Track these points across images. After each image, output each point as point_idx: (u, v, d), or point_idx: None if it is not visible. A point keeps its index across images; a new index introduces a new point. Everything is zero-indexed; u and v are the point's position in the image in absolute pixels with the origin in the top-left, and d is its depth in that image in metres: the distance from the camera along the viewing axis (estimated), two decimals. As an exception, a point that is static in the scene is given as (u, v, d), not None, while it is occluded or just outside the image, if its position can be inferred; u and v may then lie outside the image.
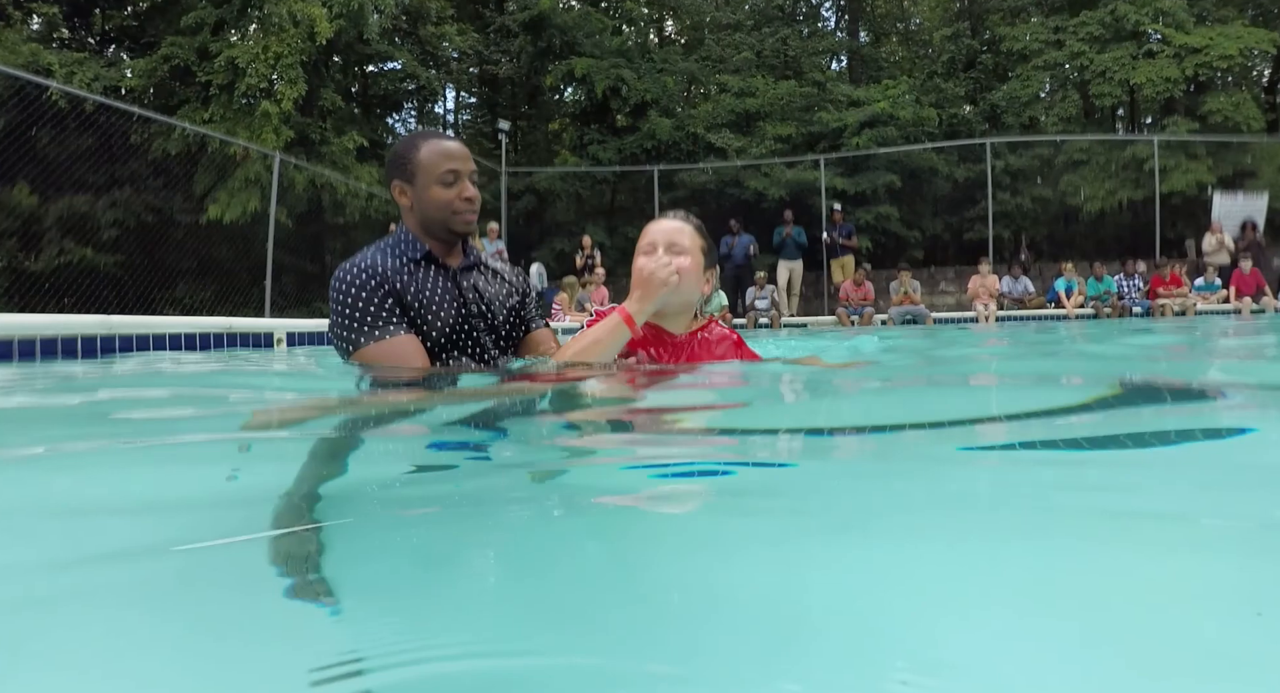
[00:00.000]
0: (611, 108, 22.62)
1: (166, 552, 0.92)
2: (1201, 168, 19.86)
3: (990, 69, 25.08)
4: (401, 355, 2.42)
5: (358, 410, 2.00)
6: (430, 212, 2.53)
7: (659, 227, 2.48)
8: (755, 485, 1.19)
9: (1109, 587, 0.74)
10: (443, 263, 2.60)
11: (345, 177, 17.82)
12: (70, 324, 5.09)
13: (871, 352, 5.04)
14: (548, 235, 22.38)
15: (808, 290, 18.25)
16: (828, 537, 0.91)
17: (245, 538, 0.96)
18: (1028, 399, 2.18)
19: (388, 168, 2.64)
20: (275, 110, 17.39)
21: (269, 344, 6.89)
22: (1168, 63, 20.99)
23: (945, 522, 0.95)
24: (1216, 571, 0.79)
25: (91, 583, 0.84)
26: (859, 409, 2.05)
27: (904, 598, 0.72)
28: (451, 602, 0.77)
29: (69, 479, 1.37)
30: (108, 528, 1.06)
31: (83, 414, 2.17)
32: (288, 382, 3.50)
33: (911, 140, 21.72)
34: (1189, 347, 5.50)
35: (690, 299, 2.46)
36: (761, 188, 20.88)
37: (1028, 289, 15.49)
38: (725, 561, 0.82)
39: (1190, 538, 0.88)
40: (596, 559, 0.89)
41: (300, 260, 15.95)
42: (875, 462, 1.36)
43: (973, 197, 21.52)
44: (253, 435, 1.63)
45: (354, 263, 2.51)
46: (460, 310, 2.56)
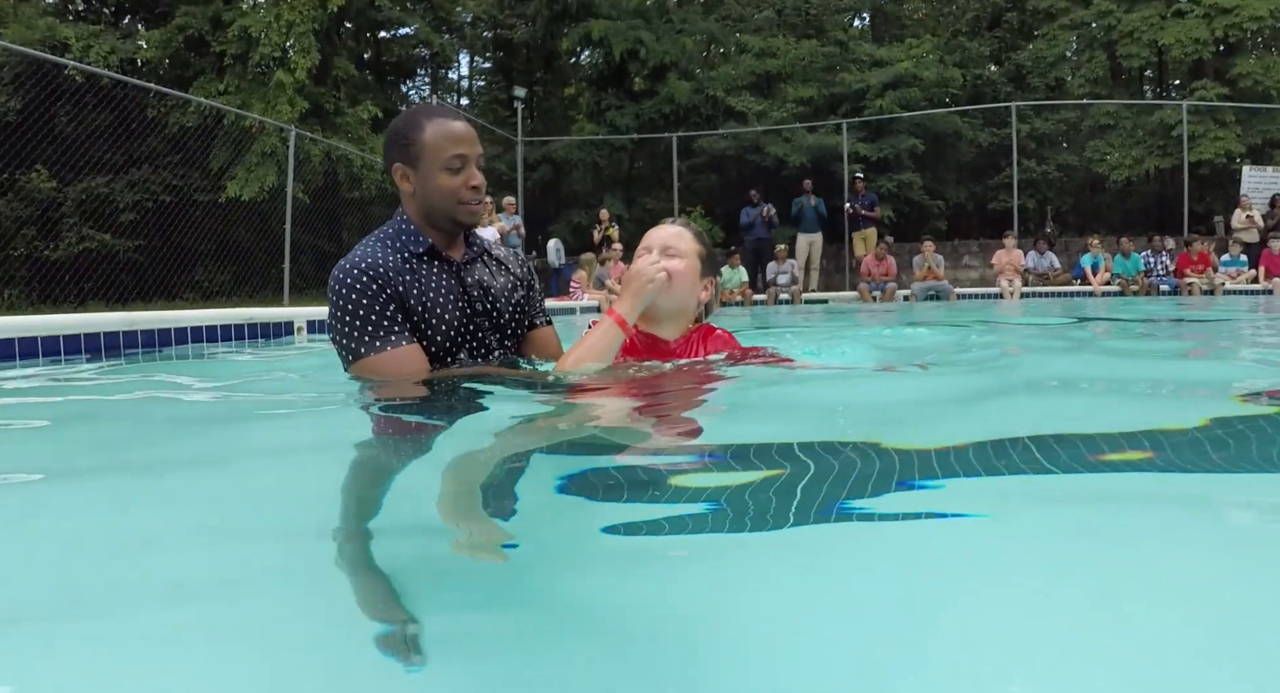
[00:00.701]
0: (629, 71, 22.27)
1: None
2: (1230, 136, 19.48)
3: (1016, 28, 24.58)
4: (402, 367, 2.36)
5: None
6: (434, 200, 2.42)
7: (657, 232, 2.47)
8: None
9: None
10: (446, 256, 2.50)
11: (360, 149, 17.73)
12: (93, 322, 5.15)
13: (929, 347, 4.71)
14: (565, 208, 22.21)
15: (828, 264, 18.09)
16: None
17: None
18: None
19: (388, 146, 2.48)
20: (289, 80, 17.27)
21: (290, 333, 6.92)
22: (1197, 23, 20.52)
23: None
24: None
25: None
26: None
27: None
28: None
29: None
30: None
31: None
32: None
33: (935, 102, 21.39)
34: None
35: (684, 304, 2.45)
36: (782, 154, 20.60)
37: (1053, 265, 15.32)
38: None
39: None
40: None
41: (317, 239, 15.87)
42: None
43: (997, 163, 21.22)
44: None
45: (354, 261, 2.40)
46: (465, 309, 2.48)
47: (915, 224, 20.98)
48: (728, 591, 0.99)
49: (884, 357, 3.61)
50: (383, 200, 17.99)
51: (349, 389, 2.45)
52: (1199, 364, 3.88)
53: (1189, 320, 7.57)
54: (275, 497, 1.55)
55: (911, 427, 1.97)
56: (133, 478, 1.69)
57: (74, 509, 1.47)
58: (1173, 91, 23.51)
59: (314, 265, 15.58)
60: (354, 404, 2.34)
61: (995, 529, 1.20)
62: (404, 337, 2.37)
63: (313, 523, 1.32)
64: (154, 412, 2.74)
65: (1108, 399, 2.48)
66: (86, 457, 1.97)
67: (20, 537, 1.31)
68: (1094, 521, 1.21)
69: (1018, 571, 1.02)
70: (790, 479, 1.43)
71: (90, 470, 1.80)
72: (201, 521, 1.37)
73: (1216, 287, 14.12)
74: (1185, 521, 1.23)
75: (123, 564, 1.15)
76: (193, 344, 5.83)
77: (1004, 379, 3.03)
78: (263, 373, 4.23)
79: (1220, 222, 17.97)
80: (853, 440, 1.71)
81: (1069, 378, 3.08)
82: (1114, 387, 2.80)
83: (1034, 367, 3.57)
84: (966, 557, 1.09)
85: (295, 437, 2.10)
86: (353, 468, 1.70)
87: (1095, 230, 17.00)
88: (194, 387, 3.32)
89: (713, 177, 22.86)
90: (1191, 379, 3.17)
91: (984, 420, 2.03)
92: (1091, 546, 1.11)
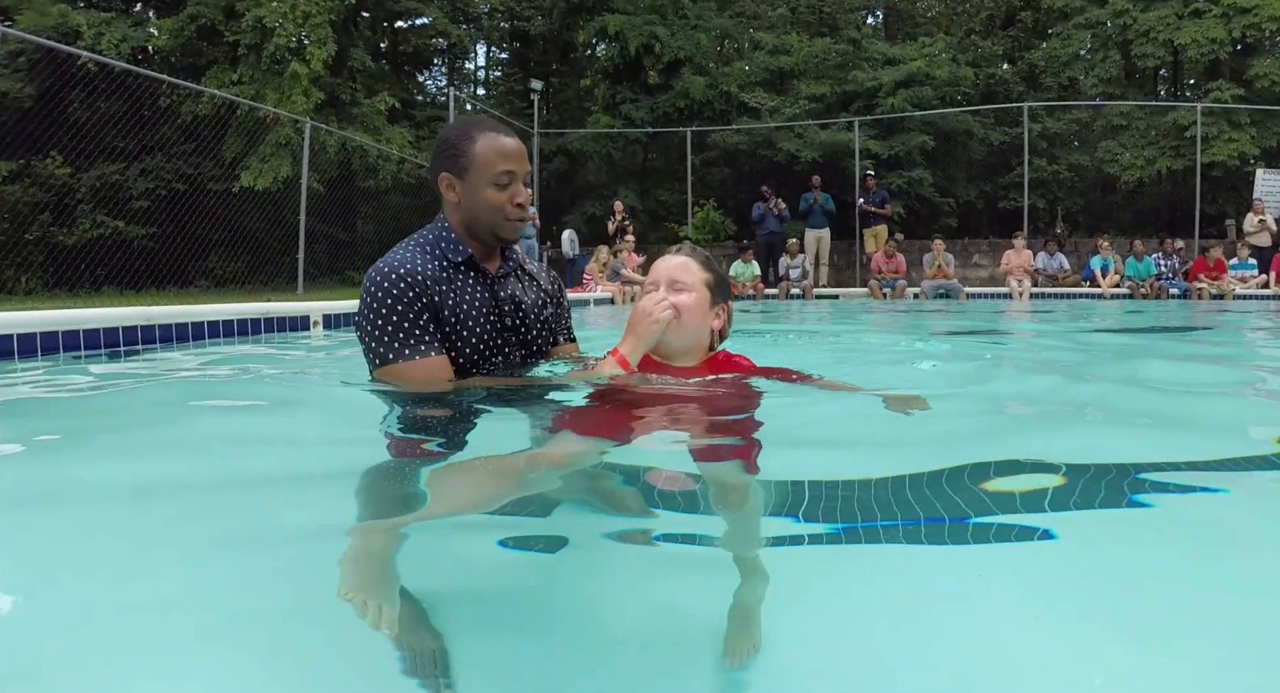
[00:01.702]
0: (644, 65, 22.31)
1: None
2: (1244, 138, 19.41)
3: (1030, 27, 24.50)
4: (429, 377, 2.39)
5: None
6: (479, 213, 2.44)
7: (664, 264, 2.40)
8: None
9: None
10: (483, 269, 2.53)
11: (376, 139, 17.77)
12: (111, 317, 5.23)
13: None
14: (579, 198, 22.26)
15: (839, 260, 18.13)
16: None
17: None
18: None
19: (436, 155, 2.51)
20: (305, 71, 17.27)
21: (305, 327, 7.00)
22: (1214, 23, 20.41)
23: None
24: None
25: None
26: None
27: None
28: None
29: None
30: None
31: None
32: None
33: (947, 101, 21.35)
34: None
35: (697, 337, 2.39)
36: (794, 150, 20.62)
37: (1063, 266, 15.33)
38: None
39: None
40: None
41: (331, 228, 15.92)
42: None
43: (1008, 162, 21.18)
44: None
45: (392, 265, 2.41)
46: (495, 323, 2.52)
47: (926, 221, 20.97)
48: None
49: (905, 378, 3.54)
50: (398, 190, 18.06)
51: (368, 405, 2.49)
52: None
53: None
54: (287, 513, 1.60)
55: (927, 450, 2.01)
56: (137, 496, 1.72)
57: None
58: (1187, 92, 23.41)
59: (327, 255, 15.67)
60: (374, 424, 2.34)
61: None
62: (434, 347, 2.39)
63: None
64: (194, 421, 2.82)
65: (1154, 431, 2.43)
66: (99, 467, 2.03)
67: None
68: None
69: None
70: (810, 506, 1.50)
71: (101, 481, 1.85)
72: (216, 531, 1.44)
73: (1226, 292, 14.11)
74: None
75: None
76: (209, 339, 5.92)
77: (1031, 400, 2.99)
78: (281, 378, 4.10)
79: (1231, 225, 17.95)
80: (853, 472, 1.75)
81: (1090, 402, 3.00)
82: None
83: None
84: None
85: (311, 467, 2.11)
86: (373, 491, 1.72)
87: (1105, 231, 16.97)
88: (218, 395, 3.32)
89: (726, 170, 22.88)
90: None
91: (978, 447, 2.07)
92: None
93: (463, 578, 1.23)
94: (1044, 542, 1.35)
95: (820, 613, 1.12)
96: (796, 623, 1.09)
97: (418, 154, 17.94)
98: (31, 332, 4.73)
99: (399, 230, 19.84)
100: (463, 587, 1.20)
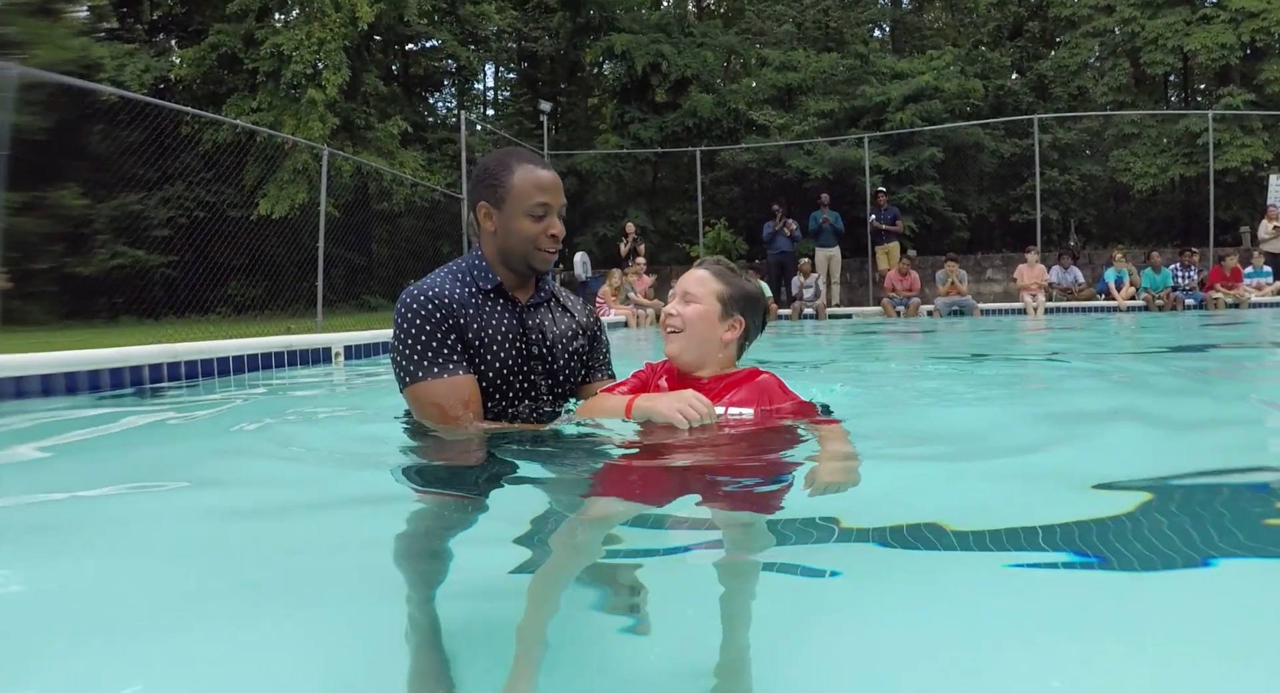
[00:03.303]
0: (652, 84, 22.46)
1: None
2: (1257, 143, 19.42)
3: (1037, 36, 24.59)
4: (454, 396, 2.44)
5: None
6: (513, 243, 2.50)
7: (685, 276, 2.44)
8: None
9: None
10: (512, 297, 2.57)
11: (390, 163, 17.95)
12: (135, 355, 5.30)
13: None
14: (590, 220, 22.35)
15: (852, 278, 18.14)
16: None
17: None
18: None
19: (475, 184, 2.56)
20: (321, 97, 17.51)
21: (327, 359, 7.08)
22: (1223, 28, 20.45)
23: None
24: None
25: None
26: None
27: None
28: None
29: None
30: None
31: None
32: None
33: (956, 114, 21.38)
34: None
35: (703, 349, 2.37)
36: (804, 167, 20.69)
37: (1077, 280, 15.31)
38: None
39: None
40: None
41: (348, 252, 16.07)
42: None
43: (1019, 174, 21.21)
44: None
45: (423, 288, 2.49)
46: (522, 350, 2.55)
47: (938, 235, 20.99)
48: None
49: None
50: (412, 213, 18.21)
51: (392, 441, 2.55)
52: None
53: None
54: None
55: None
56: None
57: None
58: (1198, 97, 23.41)
59: (344, 279, 15.80)
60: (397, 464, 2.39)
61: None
62: (460, 366, 2.46)
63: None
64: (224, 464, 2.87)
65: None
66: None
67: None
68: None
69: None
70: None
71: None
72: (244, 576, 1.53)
73: (1242, 300, 14.08)
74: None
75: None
76: (234, 374, 6.01)
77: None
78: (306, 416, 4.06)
79: (1246, 231, 17.89)
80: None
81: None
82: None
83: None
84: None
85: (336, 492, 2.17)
86: (408, 542, 1.76)
87: (1119, 240, 16.94)
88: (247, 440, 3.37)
89: (735, 189, 22.96)
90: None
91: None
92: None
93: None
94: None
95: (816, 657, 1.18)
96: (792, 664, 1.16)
97: (430, 177, 18.12)
98: (54, 372, 4.80)
99: (413, 253, 20.11)
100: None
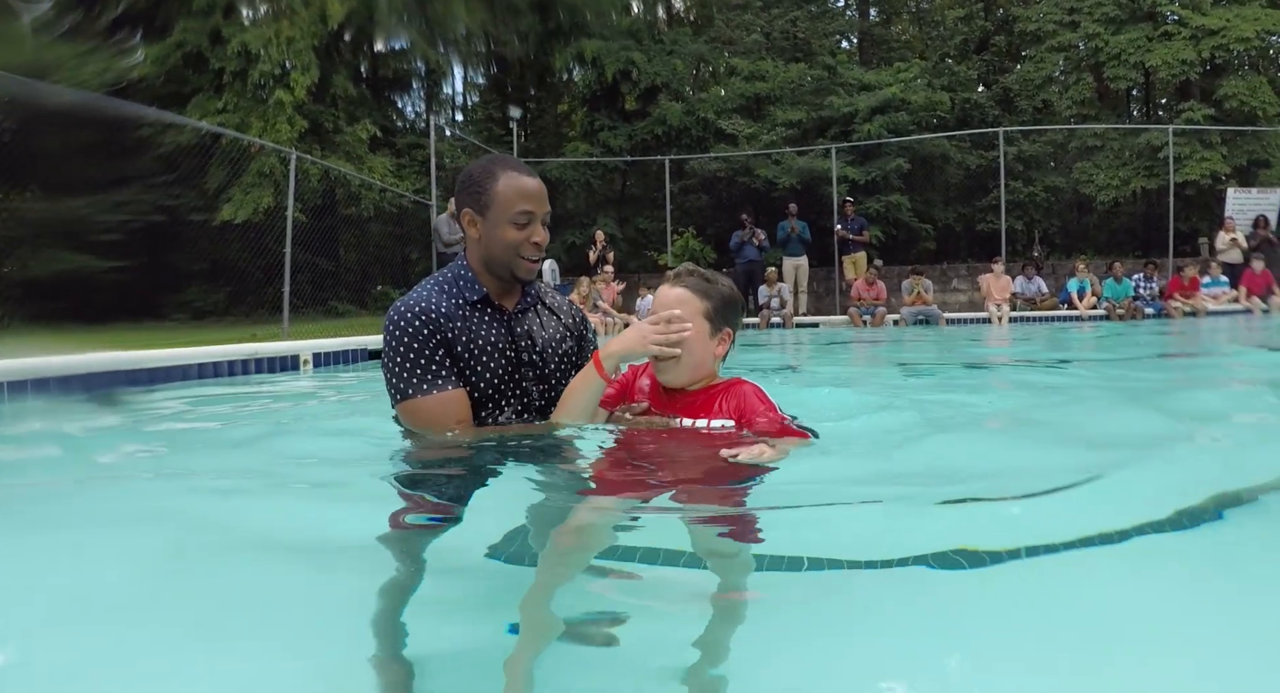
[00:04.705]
0: (622, 91, 22.47)
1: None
2: (1216, 157, 19.76)
3: (1003, 51, 24.89)
4: (445, 411, 2.45)
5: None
6: (496, 250, 2.50)
7: (661, 298, 2.41)
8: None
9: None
10: (499, 305, 2.57)
11: (358, 168, 17.77)
12: (98, 362, 5.24)
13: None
14: (559, 227, 22.23)
15: (818, 287, 18.22)
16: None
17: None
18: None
19: (460, 191, 2.56)
20: (289, 99, 17.29)
21: (295, 367, 6.98)
22: (1184, 45, 20.82)
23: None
24: None
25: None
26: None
27: None
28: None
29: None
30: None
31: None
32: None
33: (923, 126, 21.58)
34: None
35: (695, 369, 2.39)
36: (772, 176, 20.78)
37: (1041, 289, 15.49)
38: None
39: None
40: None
41: (314, 257, 15.83)
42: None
43: (984, 185, 21.45)
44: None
45: (409, 304, 2.49)
46: (512, 359, 2.55)
47: (904, 246, 21.16)
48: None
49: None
50: (380, 219, 18.05)
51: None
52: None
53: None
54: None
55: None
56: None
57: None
58: (1160, 112, 23.78)
59: (311, 285, 15.59)
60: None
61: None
62: (450, 381, 2.46)
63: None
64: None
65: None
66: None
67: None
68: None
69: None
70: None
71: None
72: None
73: (1200, 309, 14.32)
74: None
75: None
76: (199, 380, 5.93)
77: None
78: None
79: (1204, 243, 18.20)
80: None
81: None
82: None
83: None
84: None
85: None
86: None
87: (1082, 251, 17.15)
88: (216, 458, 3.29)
89: (704, 197, 23.01)
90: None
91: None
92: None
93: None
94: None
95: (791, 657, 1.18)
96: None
97: (399, 183, 17.98)
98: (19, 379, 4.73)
99: (381, 259, 19.96)
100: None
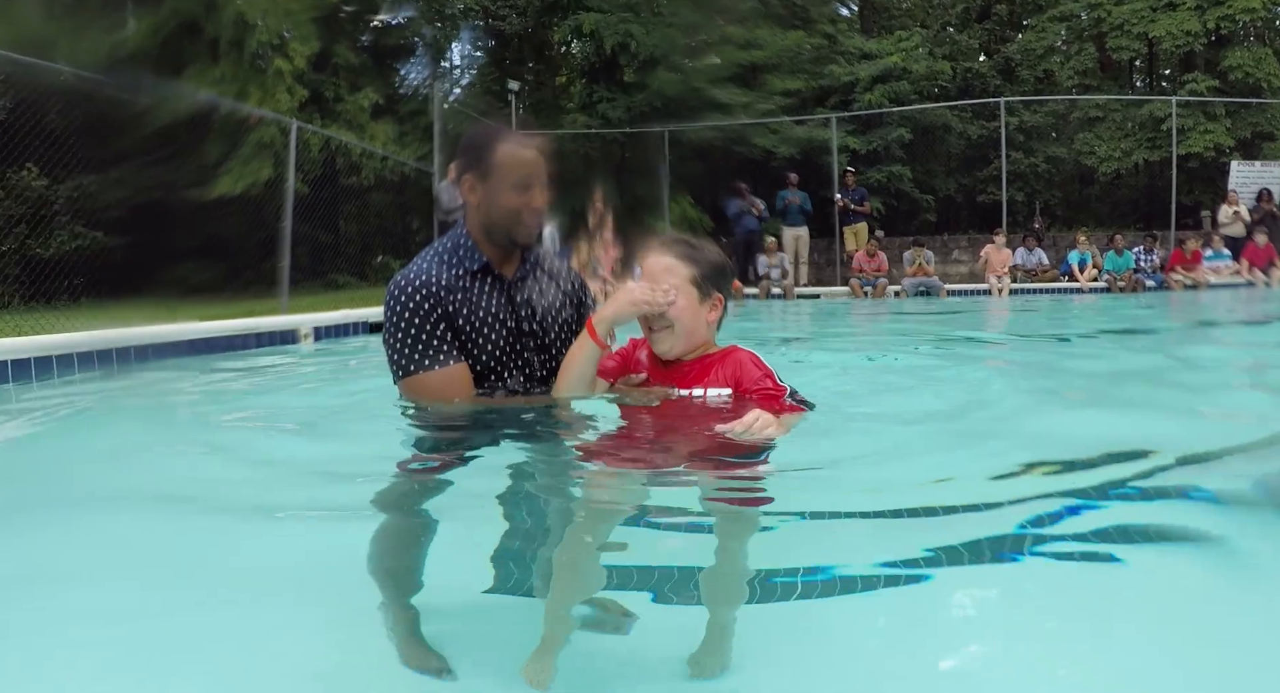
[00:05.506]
0: (620, 63, 22.27)
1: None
2: (1220, 129, 19.62)
3: (1005, 20, 24.68)
4: (447, 387, 2.48)
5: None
6: (496, 216, 2.50)
7: (648, 265, 2.39)
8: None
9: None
10: (499, 273, 2.58)
11: (360, 136, 17.51)
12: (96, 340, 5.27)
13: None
14: (558, 195, 22.12)
15: (819, 258, 18.15)
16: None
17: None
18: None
19: (460, 156, 2.59)
20: (289, 68, 17.04)
21: (294, 341, 6.97)
22: (1188, 15, 20.59)
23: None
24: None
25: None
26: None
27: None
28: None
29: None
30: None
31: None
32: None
33: (925, 96, 21.41)
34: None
35: (690, 338, 2.37)
36: (770, 146, 20.61)
37: (1041, 261, 15.47)
38: None
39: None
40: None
41: (314, 229, 15.71)
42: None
43: (986, 156, 21.32)
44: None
45: (409, 276, 2.50)
46: (513, 329, 2.57)
47: (905, 217, 21.07)
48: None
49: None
50: (381, 188, 17.86)
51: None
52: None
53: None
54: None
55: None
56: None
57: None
58: (1163, 83, 23.61)
59: (310, 257, 15.52)
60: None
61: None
62: (451, 356, 2.49)
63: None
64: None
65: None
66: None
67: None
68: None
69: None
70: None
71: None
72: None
73: (1201, 282, 14.31)
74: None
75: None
76: (199, 355, 5.92)
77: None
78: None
79: (1207, 216, 18.14)
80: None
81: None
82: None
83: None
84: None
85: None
86: (383, 536, 1.79)
87: (1083, 223, 17.09)
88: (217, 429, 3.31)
89: (699, 165, 22.83)
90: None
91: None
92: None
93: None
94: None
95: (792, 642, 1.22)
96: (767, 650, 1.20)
97: (401, 151, 17.80)
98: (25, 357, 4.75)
99: (382, 229, 19.81)
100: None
